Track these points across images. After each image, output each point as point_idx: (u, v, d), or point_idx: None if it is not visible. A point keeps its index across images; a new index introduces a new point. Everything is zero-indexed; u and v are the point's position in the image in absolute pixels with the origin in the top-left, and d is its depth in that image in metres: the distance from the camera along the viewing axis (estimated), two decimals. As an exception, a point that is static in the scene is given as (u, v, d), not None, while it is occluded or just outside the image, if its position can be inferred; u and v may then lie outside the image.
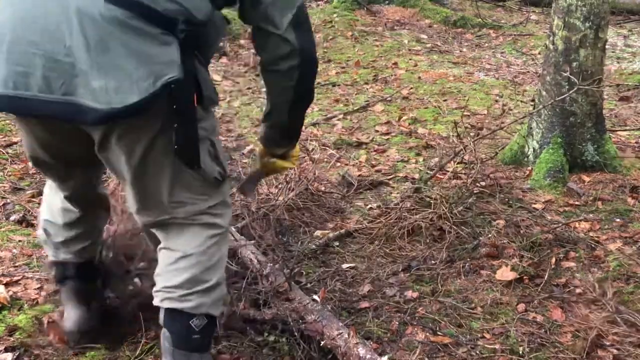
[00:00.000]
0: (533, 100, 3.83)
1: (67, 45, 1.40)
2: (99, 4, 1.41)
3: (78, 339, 2.01)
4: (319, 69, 1.92)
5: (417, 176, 3.33)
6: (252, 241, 2.53)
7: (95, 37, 1.40)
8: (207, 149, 1.65)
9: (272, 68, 1.71)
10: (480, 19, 7.03)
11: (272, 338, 2.05)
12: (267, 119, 1.89)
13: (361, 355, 1.87)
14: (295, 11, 1.65)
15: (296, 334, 2.04)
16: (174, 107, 1.50)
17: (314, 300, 2.15)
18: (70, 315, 2.03)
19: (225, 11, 1.68)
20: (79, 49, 1.40)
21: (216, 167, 1.69)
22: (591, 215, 2.94)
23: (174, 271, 1.72)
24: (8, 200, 2.99)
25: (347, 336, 1.95)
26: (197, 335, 1.75)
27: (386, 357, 1.98)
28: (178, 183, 1.63)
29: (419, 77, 5.17)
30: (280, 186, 3.02)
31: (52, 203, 1.97)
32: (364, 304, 2.33)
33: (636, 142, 3.78)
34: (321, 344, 1.98)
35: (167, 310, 1.74)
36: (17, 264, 2.49)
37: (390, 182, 3.36)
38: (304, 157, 3.36)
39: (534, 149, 3.43)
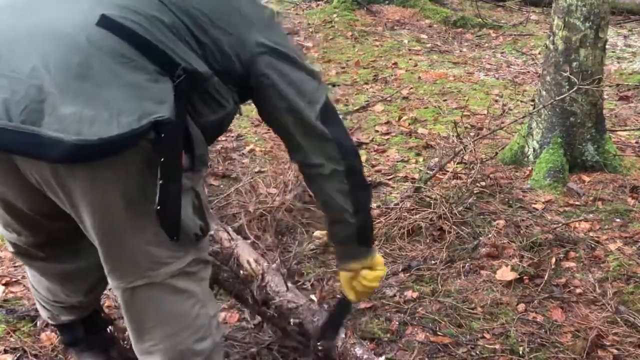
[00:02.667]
0: (533, 100, 3.83)
1: (34, 66, 1.17)
2: (88, 27, 1.21)
3: None
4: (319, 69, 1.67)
5: (417, 176, 3.33)
6: (249, 241, 2.52)
7: (75, 60, 1.18)
8: (190, 201, 1.38)
9: (313, 171, 1.53)
10: (480, 19, 7.02)
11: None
12: (334, 235, 1.66)
13: (358, 355, 1.87)
14: (322, 104, 1.48)
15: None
16: (161, 158, 1.25)
17: (311, 300, 2.15)
18: None
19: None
20: (50, 70, 1.17)
21: (198, 222, 1.42)
22: (591, 215, 2.94)
23: (156, 347, 1.49)
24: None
25: (344, 336, 1.94)
26: None
27: (383, 357, 1.98)
28: (157, 240, 1.36)
29: (419, 77, 5.17)
30: (279, 186, 3.02)
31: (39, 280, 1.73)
32: (364, 304, 2.33)
33: (636, 142, 3.78)
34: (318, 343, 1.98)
35: None
36: (17, 264, 2.49)
37: (390, 182, 3.36)
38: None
39: (534, 149, 3.43)
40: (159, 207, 1.29)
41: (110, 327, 1.95)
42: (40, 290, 1.75)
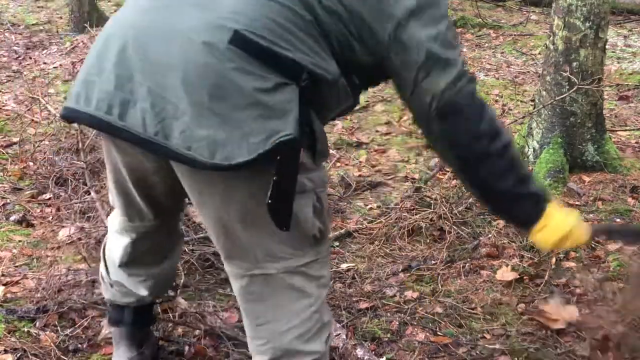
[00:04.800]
0: (533, 100, 3.83)
1: (175, 84, 1.26)
2: (222, 45, 1.26)
3: None
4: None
5: (417, 176, 3.34)
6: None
7: (210, 81, 1.25)
8: (311, 202, 1.44)
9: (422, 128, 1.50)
10: (480, 19, 7.02)
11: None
12: None
13: (359, 356, 1.87)
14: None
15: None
16: (279, 160, 1.30)
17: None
18: (120, 357, 1.93)
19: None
20: (189, 91, 1.25)
21: (317, 224, 1.46)
22: (591, 215, 2.94)
23: (265, 346, 1.52)
24: (8, 201, 2.99)
25: (345, 337, 1.94)
26: None
27: (384, 358, 1.98)
28: (276, 237, 1.41)
29: (419, 77, 5.16)
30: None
31: (116, 244, 1.80)
32: (364, 304, 2.33)
33: (636, 142, 3.78)
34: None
35: None
36: (17, 264, 2.49)
37: (390, 182, 3.36)
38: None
39: (534, 149, 3.43)
40: (269, 201, 1.33)
41: (153, 325, 2.03)
42: (112, 275, 1.85)
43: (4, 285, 2.33)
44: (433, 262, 2.59)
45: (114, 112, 1.30)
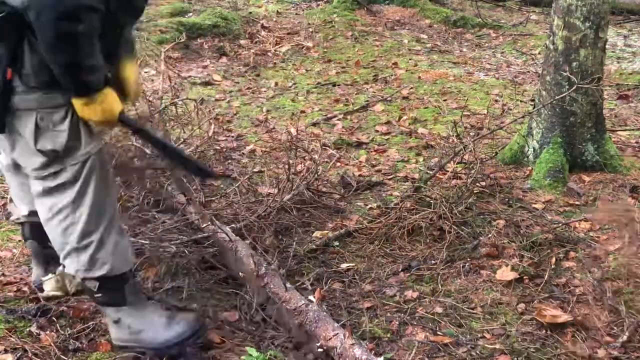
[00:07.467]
0: (533, 100, 3.83)
1: None
2: None
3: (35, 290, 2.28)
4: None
5: (417, 176, 3.33)
6: (247, 241, 2.51)
7: None
8: (34, 121, 1.73)
9: None
10: (480, 19, 7.02)
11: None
12: None
13: (357, 355, 1.87)
14: None
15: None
16: None
17: (309, 300, 2.14)
18: (33, 272, 2.29)
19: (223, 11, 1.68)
20: None
21: (40, 141, 1.75)
22: (591, 215, 2.94)
23: (55, 241, 1.89)
24: (8, 201, 2.98)
25: (343, 337, 1.94)
26: (99, 294, 1.91)
27: (382, 358, 1.98)
28: (28, 147, 1.77)
29: (419, 77, 5.17)
30: (280, 186, 3.02)
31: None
32: (364, 304, 2.33)
33: (636, 142, 3.78)
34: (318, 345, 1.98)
35: None
36: (17, 264, 2.49)
37: (390, 182, 3.36)
38: (305, 157, 3.36)
39: (534, 148, 3.43)
40: None
41: None
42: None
43: (4, 285, 2.33)
44: (433, 262, 2.59)
45: None
